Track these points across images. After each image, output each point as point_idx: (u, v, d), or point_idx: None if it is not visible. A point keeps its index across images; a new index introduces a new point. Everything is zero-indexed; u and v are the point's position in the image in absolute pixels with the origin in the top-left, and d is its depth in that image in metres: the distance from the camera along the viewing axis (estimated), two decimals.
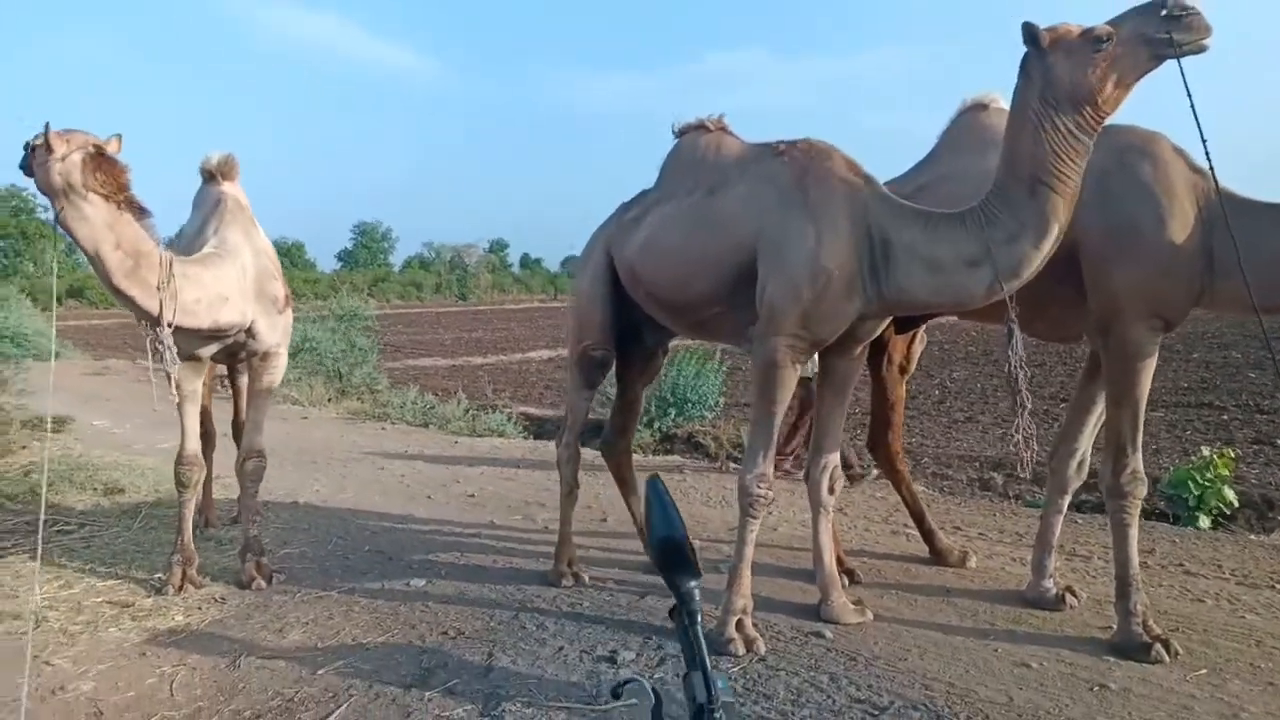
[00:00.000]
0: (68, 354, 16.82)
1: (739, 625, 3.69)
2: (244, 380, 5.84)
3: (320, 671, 3.57)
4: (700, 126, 4.28)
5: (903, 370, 4.66)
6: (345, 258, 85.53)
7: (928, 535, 4.78)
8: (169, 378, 4.34)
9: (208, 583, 4.66)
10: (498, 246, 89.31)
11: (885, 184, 3.94)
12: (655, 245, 4.16)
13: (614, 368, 4.71)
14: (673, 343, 4.97)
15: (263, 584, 4.63)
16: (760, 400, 3.78)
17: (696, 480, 6.94)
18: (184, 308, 4.16)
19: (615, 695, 1.36)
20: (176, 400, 4.63)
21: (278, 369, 4.87)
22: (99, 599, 4.46)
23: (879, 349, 4.51)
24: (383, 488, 6.97)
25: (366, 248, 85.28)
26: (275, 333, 4.74)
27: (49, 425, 8.22)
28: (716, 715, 1.14)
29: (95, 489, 6.93)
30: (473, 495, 6.67)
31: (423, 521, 5.94)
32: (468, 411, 10.96)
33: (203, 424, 5.35)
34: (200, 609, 4.34)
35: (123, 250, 3.92)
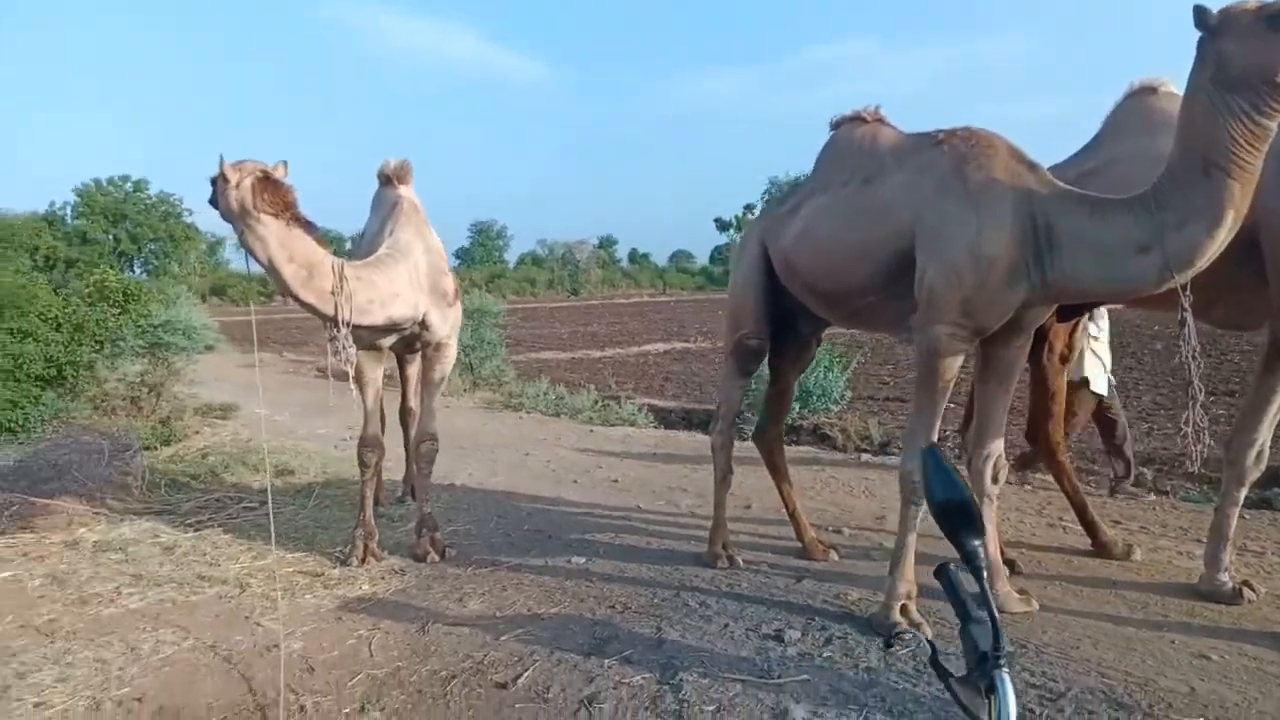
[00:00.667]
0: (221, 347, 18.05)
1: (904, 610, 3.75)
2: (412, 370, 6.23)
3: (503, 638, 3.83)
4: (856, 118, 4.33)
5: (1064, 359, 4.59)
6: (462, 255, 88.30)
7: (1090, 527, 4.69)
8: (349, 372, 4.69)
9: (386, 555, 5.02)
10: (607, 242, 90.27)
11: (1048, 169, 3.91)
12: (811, 235, 4.24)
13: (767, 357, 4.81)
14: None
15: (436, 557, 4.96)
16: (922, 388, 3.81)
17: (835, 471, 6.96)
18: (359, 308, 4.48)
19: (888, 645, 1.47)
20: (357, 390, 5.01)
21: (449, 359, 5.19)
22: (290, 569, 4.87)
23: (1040, 338, 4.45)
24: (531, 473, 7.29)
25: (483, 245, 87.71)
26: (446, 325, 5.05)
27: (262, 412, 8.87)
28: (1001, 662, 1.23)
29: (266, 470, 7.50)
30: (616, 481, 6.90)
31: (573, 504, 6.20)
32: (596, 402, 11.25)
33: None
34: (384, 579, 4.69)
35: (296, 263, 4.27)
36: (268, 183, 4.19)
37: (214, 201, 4.28)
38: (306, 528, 5.69)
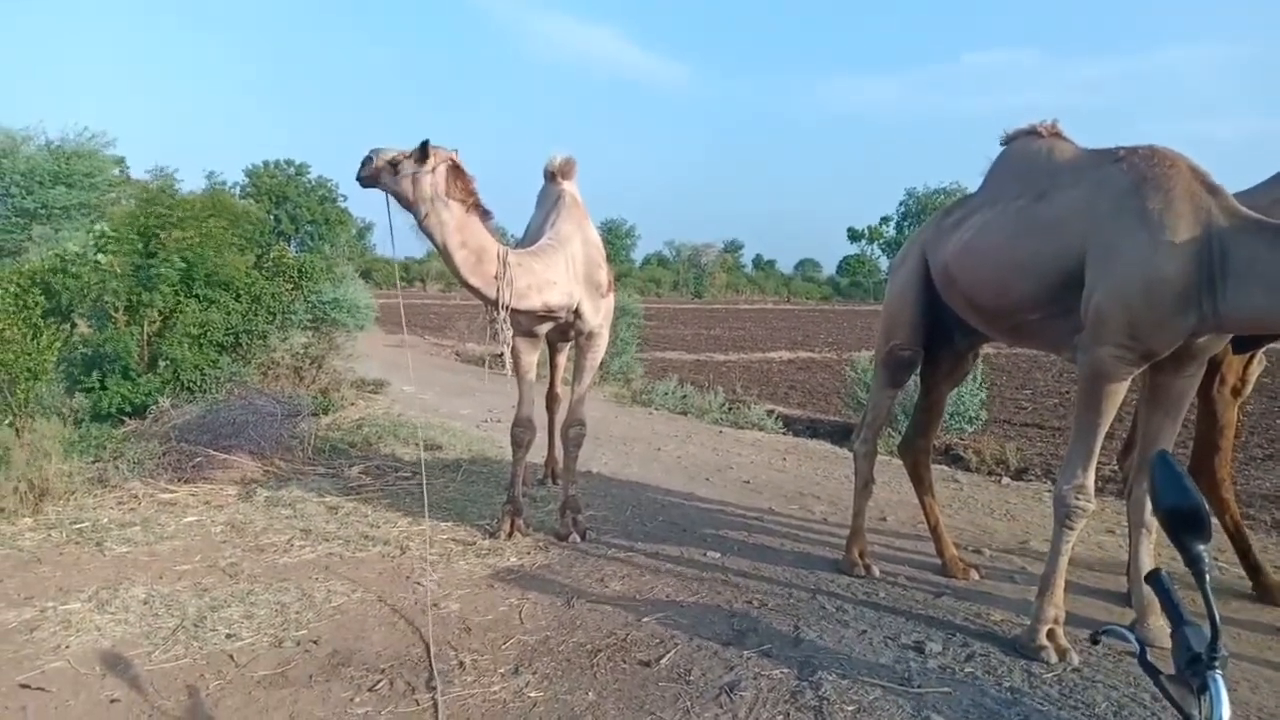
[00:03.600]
0: (370, 328, 19.12)
1: (1050, 634, 3.69)
2: (561, 358, 6.50)
3: (645, 619, 3.99)
4: (1032, 132, 4.27)
5: (1236, 393, 4.38)
6: None
7: (1253, 570, 4.47)
8: (505, 352, 4.95)
9: (531, 532, 5.28)
10: (733, 247, 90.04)
11: (1235, 195, 3.76)
12: (976, 249, 4.20)
13: (920, 369, 4.79)
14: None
15: (578, 538, 5.18)
16: (1084, 410, 3.74)
17: (974, 491, 6.82)
18: (518, 293, 4.72)
19: (1094, 641, 1.52)
20: (513, 373, 5.28)
21: (600, 348, 5.39)
22: (444, 536, 5.19)
23: (1211, 368, 4.27)
24: (663, 467, 7.46)
25: (610, 243, 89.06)
26: (599, 315, 5.26)
27: (410, 389, 9.39)
28: (1217, 664, 1.27)
29: (416, 444, 7.94)
30: (748, 481, 6.98)
31: (706, 500, 6.32)
32: (723, 404, 11.34)
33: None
34: (529, 554, 4.93)
35: (468, 248, 4.53)
36: (458, 171, 4.48)
37: (366, 180, 4.42)
38: (456, 500, 6.02)
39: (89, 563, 4.57)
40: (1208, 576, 1.34)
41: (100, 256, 8.06)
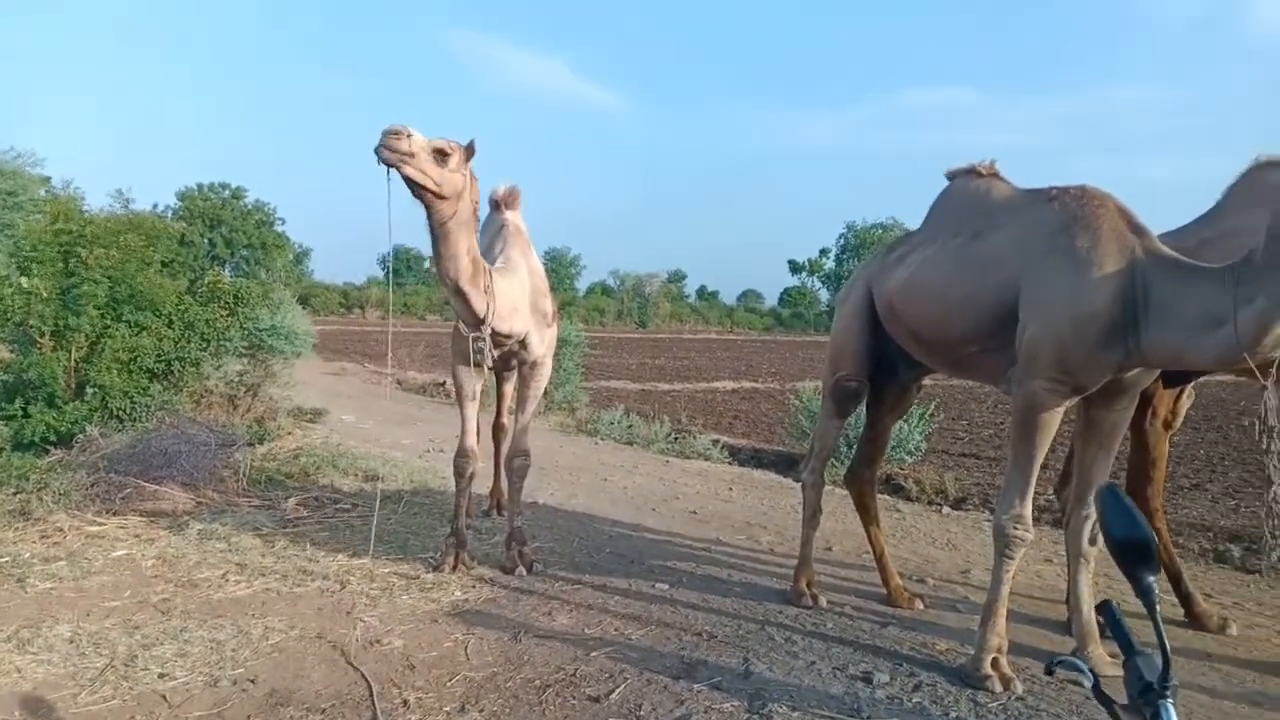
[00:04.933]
0: (308, 354, 18.72)
1: (994, 663, 3.74)
2: (508, 387, 6.43)
3: (593, 654, 3.93)
4: (971, 171, 4.40)
5: (1167, 425, 4.54)
6: None
7: (1185, 598, 4.60)
8: (484, 367, 4.87)
9: (476, 565, 5.18)
10: (676, 277, 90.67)
11: (1165, 235, 3.93)
12: (918, 284, 4.30)
13: (865, 400, 4.86)
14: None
15: (524, 571, 5.10)
16: (1018, 442, 3.84)
17: (916, 520, 6.93)
18: (498, 313, 4.69)
19: (1049, 672, 1.54)
20: (457, 403, 5.21)
21: (544, 377, 5.36)
22: (386, 570, 5.05)
23: (1143, 402, 4.42)
24: (610, 497, 7.42)
25: (555, 272, 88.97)
26: (543, 344, 5.23)
27: (394, 430, 9.16)
28: (1168, 693, 1.30)
29: (356, 475, 7.77)
30: (695, 512, 6.97)
31: (653, 531, 6.30)
32: (669, 434, 11.35)
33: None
34: (474, 588, 4.84)
35: (469, 256, 4.46)
36: (473, 175, 4.40)
37: (396, 157, 4.02)
38: (398, 533, 5.89)
39: (9, 600, 4.34)
40: (1158, 607, 1.37)
41: (24, 280, 7.76)
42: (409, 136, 4.06)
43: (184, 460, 6.51)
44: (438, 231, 4.35)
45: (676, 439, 11.10)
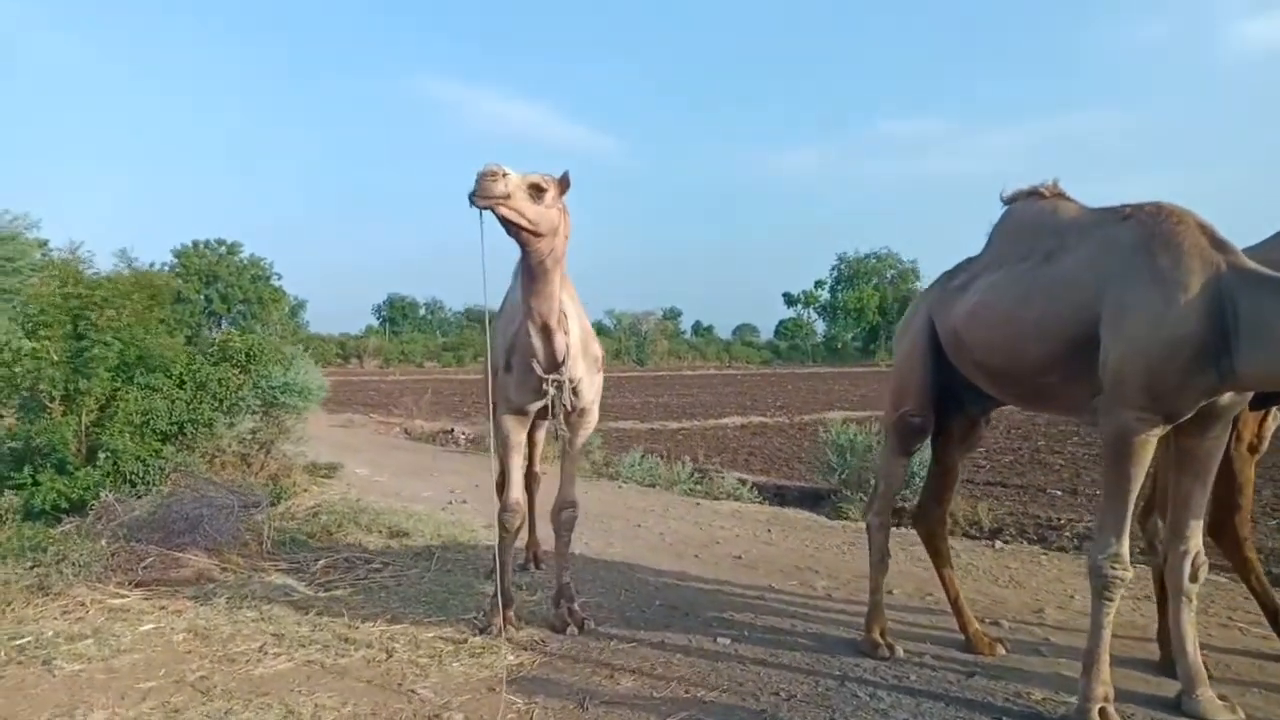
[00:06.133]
0: (315, 408, 18.46)
1: (1102, 713, 3.49)
2: (539, 435, 6.20)
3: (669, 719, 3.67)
4: (1034, 193, 4.24)
5: (1253, 449, 4.32)
6: None
7: None
8: (566, 409, 4.69)
9: (523, 626, 4.91)
10: (671, 314, 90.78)
11: (1245, 250, 3.75)
12: (985, 312, 4.11)
13: (931, 436, 4.64)
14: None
15: (575, 630, 4.83)
16: (1112, 475, 3.62)
17: (970, 557, 6.65)
18: (570, 354, 4.49)
19: None
20: (501, 454, 4.97)
21: (590, 425, 5.13)
22: (430, 634, 4.78)
23: None
24: (647, 544, 7.15)
25: None
26: (592, 390, 5.00)
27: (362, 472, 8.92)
28: None
29: (380, 531, 7.50)
30: (739, 557, 6.71)
31: (700, 579, 6.03)
32: (692, 474, 11.10)
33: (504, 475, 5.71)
34: (527, 650, 4.57)
35: (555, 297, 4.28)
36: (565, 209, 4.26)
37: (493, 200, 3.87)
38: (435, 592, 5.61)
39: (36, 685, 4.06)
40: None
41: (28, 343, 7.55)
42: (504, 177, 3.89)
43: (207, 525, 6.24)
44: (535, 270, 4.18)
45: (701, 479, 10.84)
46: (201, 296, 53.35)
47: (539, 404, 4.90)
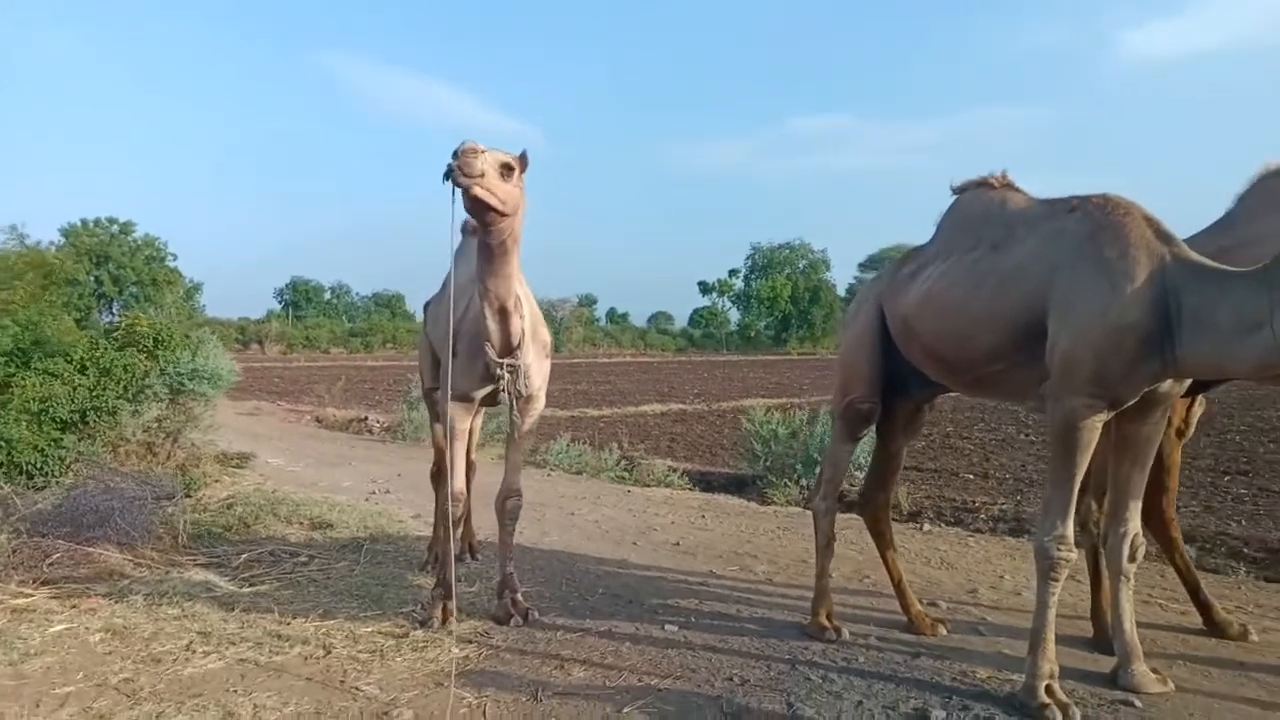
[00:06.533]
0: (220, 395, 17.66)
1: (1049, 690, 3.59)
2: (476, 422, 6.03)
3: (626, 709, 3.62)
4: (983, 184, 4.31)
5: (1180, 434, 4.53)
6: None
7: (1204, 607, 4.58)
8: (520, 394, 4.60)
9: (465, 618, 4.77)
10: (587, 301, 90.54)
11: (1186, 240, 3.89)
12: (934, 301, 4.17)
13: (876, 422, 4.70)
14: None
15: (520, 620, 4.72)
16: (1057, 461, 3.71)
17: (901, 540, 6.75)
18: (524, 339, 4.39)
19: None
20: (447, 442, 4.80)
21: (538, 411, 5.00)
22: (369, 629, 4.60)
23: None
24: (583, 532, 7.07)
25: None
26: (540, 376, 4.89)
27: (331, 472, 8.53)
28: None
29: (302, 523, 7.20)
30: (677, 544, 6.69)
31: (640, 567, 5.99)
32: (619, 462, 11.06)
33: (440, 463, 5.54)
34: (471, 643, 4.44)
35: (514, 278, 4.16)
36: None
37: (468, 178, 3.73)
38: (368, 585, 5.42)
39: None
40: None
41: None
42: (483, 154, 3.75)
43: (118, 518, 5.87)
44: (494, 250, 4.06)
45: (630, 468, 10.81)
46: (92, 278, 50.42)
47: (486, 390, 4.77)
